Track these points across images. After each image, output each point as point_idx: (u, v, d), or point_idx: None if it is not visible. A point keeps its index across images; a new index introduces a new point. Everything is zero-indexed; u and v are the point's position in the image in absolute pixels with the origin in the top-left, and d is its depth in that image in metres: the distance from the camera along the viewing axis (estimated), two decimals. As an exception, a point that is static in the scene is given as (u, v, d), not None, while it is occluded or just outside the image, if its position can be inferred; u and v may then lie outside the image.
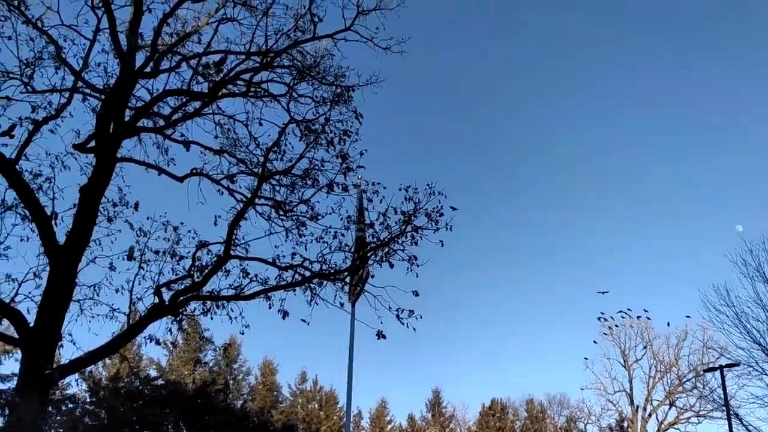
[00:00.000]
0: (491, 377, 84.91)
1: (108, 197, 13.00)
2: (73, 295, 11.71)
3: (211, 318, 13.18)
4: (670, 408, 53.13)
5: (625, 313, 54.31)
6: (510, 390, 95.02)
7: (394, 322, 12.77)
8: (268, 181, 13.76)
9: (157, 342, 13.06)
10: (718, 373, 33.13)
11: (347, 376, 14.88)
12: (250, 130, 14.31)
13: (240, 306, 13.17)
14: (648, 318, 54.23)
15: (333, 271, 13.31)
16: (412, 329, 12.74)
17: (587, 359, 55.97)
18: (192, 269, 12.91)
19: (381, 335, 12.67)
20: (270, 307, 13.07)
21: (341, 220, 13.71)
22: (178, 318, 12.98)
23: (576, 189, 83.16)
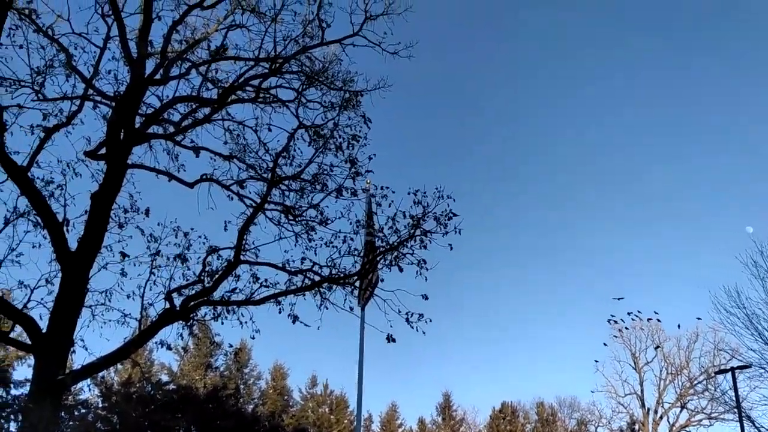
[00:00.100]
0: (501, 380, 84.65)
1: (119, 203, 13.11)
2: (85, 301, 11.80)
3: (222, 323, 13.30)
4: (681, 410, 52.91)
5: (636, 315, 54.05)
6: (520, 393, 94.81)
7: (403, 325, 12.79)
8: (277, 186, 13.83)
9: (169, 347, 13.13)
10: (729, 375, 32.95)
11: (357, 379, 14.88)
12: (259, 135, 14.43)
13: (250, 311, 13.28)
14: (658, 320, 53.91)
15: (342, 276, 13.34)
16: (421, 333, 12.77)
17: (597, 362, 55.80)
18: (202, 274, 12.99)
19: (391, 339, 12.67)
20: (280, 312, 13.11)
21: (350, 224, 13.75)
22: (189, 323, 13.03)
23: (576, 189, 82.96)
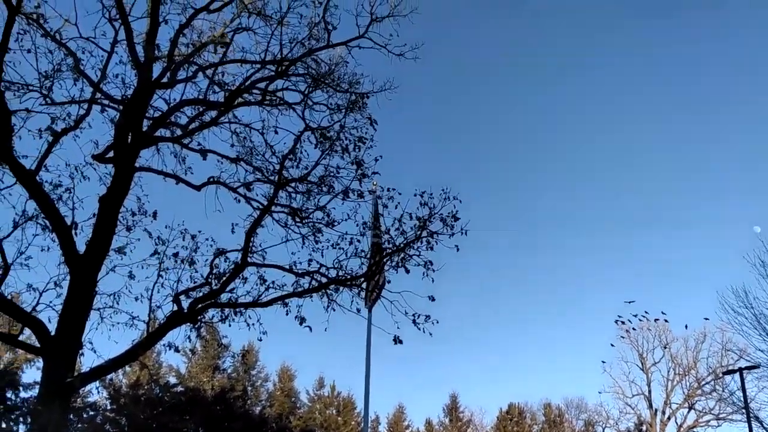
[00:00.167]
0: (508, 381, 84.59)
1: (127, 206, 13.14)
2: (94, 304, 11.85)
3: (229, 325, 13.29)
4: (689, 411, 52.74)
5: (643, 316, 53.89)
6: (527, 394, 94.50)
7: (410, 326, 12.80)
8: (284, 189, 13.84)
9: (176, 349, 13.21)
10: (737, 376, 32.87)
11: (365, 381, 14.93)
12: (266, 138, 14.43)
13: (257, 313, 13.25)
14: (666, 320, 53.79)
15: (349, 277, 13.34)
16: (428, 334, 12.79)
17: (605, 362, 55.69)
18: (210, 277, 13.03)
19: (398, 340, 12.70)
20: (287, 314, 13.12)
21: (357, 226, 13.76)
22: (196, 325, 13.07)
23: (576, 188, 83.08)
